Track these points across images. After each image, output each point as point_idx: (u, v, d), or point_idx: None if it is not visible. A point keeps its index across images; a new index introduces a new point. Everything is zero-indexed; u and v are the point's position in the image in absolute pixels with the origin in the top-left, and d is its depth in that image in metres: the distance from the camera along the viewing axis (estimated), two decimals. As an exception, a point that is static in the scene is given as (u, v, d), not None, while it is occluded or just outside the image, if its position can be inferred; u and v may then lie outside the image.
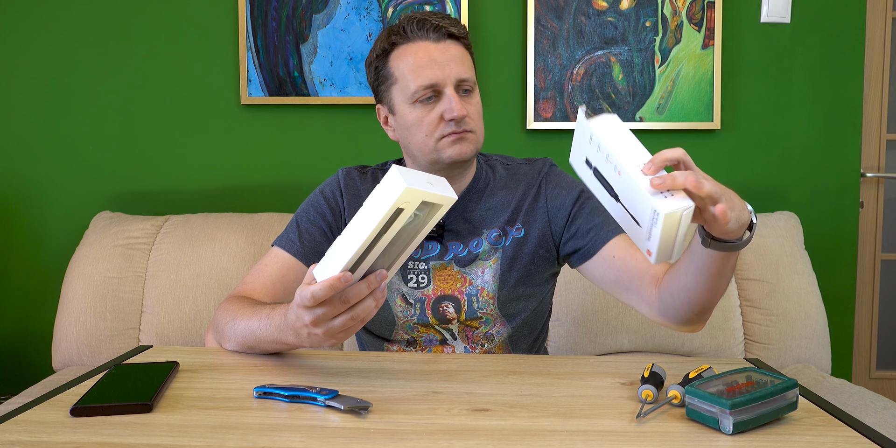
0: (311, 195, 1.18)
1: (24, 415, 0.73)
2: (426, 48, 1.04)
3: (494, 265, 1.12)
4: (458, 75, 1.04)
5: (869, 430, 0.70)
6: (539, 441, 0.67)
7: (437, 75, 1.03)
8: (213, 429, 0.69)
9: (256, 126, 1.99)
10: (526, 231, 1.13)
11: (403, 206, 0.71)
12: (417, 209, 0.74)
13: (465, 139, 1.06)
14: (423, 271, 1.12)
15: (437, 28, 1.04)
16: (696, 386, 0.72)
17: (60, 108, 1.98)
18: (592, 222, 1.09)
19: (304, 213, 1.16)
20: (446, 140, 1.05)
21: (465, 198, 1.14)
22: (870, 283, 2.11)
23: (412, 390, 0.82)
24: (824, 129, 1.98)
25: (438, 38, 1.05)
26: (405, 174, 0.71)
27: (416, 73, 1.04)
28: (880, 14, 2.05)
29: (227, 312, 1.00)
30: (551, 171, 1.17)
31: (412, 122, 1.07)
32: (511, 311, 1.13)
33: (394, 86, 1.07)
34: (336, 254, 0.75)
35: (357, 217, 0.74)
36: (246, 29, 1.93)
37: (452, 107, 1.03)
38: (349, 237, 0.74)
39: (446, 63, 1.04)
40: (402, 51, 1.06)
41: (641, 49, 1.93)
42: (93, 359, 1.67)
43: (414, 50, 1.05)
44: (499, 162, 1.20)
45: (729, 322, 1.67)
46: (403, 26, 1.05)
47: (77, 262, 1.73)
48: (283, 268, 1.10)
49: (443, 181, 0.76)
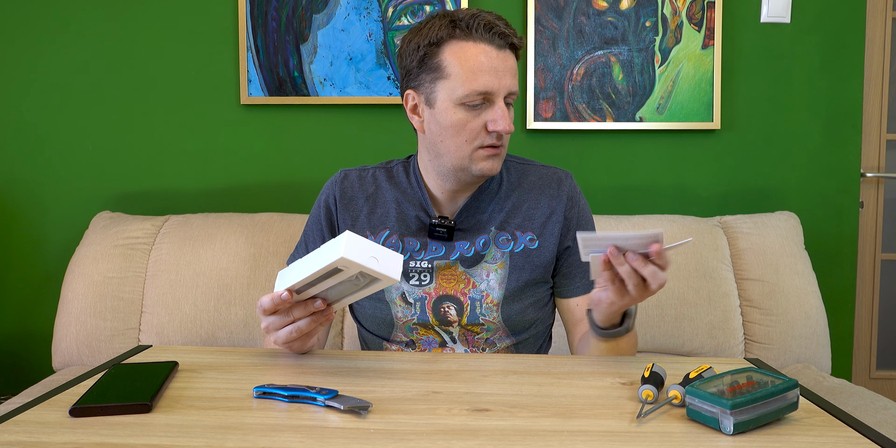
0: (314, 206, 1.21)
1: (23, 415, 0.73)
2: (488, 53, 1.01)
3: (501, 271, 1.11)
4: (510, 88, 1.03)
5: (869, 430, 0.70)
6: (539, 441, 0.67)
7: (494, 84, 1.01)
8: (213, 429, 0.69)
9: (256, 126, 1.99)
10: (541, 244, 1.13)
11: (342, 268, 0.80)
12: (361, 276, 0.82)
13: (499, 155, 1.06)
14: (426, 270, 1.11)
15: (503, 35, 1.02)
16: (696, 386, 0.72)
17: (60, 108, 1.98)
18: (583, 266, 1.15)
19: (310, 230, 1.19)
20: (482, 152, 1.05)
21: (478, 198, 1.13)
22: (870, 283, 2.11)
23: (412, 390, 0.82)
24: (824, 129, 1.98)
25: (501, 45, 1.02)
26: (353, 243, 0.79)
27: (474, 76, 1.00)
28: (880, 14, 2.05)
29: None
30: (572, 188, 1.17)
31: (454, 123, 1.03)
32: (517, 325, 1.13)
33: (442, 80, 1.03)
34: (290, 274, 0.87)
35: (313, 254, 0.84)
36: (246, 29, 1.93)
37: (500, 120, 1.02)
38: (302, 266, 0.84)
39: (504, 73, 1.02)
40: (461, 47, 1.01)
41: (641, 49, 1.93)
42: (93, 359, 1.67)
43: (476, 51, 1.01)
44: (513, 162, 1.19)
45: (729, 322, 1.67)
46: (468, 22, 1.01)
47: (77, 262, 1.73)
48: None
49: (394, 258, 0.83)
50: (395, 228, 1.13)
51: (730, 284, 1.70)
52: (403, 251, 1.12)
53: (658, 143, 1.98)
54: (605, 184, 1.98)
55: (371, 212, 1.15)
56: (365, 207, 1.15)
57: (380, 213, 1.15)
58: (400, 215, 1.14)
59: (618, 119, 1.95)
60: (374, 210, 1.15)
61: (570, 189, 1.16)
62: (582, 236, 0.87)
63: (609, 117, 1.95)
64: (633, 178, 1.99)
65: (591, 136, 1.98)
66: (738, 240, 1.75)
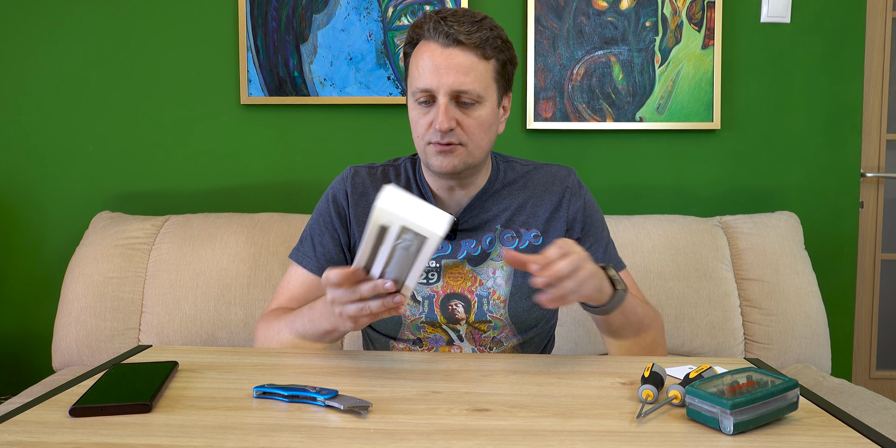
0: (321, 201, 1.19)
1: (23, 415, 0.73)
2: (432, 51, 1.02)
3: (507, 268, 1.12)
4: (452, 86, 1.01)
5: (869, 430, 0.70)
6: (539, 441, 0.67)
7: (431, 82, 1.01)
8: (213, 429, 0.69)
9: (256, 126, 1.98)
10: (545, 240, 1.13)
11: (386, 224, 0.78)
12: (405, 233, 0.79)
13: (450, 152, 1.04)
14: (433, 269, 1.12)
15: (447, 34, 1.00)
16: (696, 386, 0.72)
17: (60, 109, 1.98)
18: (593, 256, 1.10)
19: (315, 223, 1.18)
20: (432, 148, 1.05)
21: (481, 197, 1.14)
22: (870, 283, 2.11)
23: (412, 390, 0.82)
24: (824, 129, 1.98)
25: (447, 43, 1.01)
26: (393, 196, 0.77)
27: (418, 74, 1.03)
28: (880, 14, 2.05)
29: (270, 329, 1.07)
30: (574, 183, 1.17)
31: (412, 119, 1.07)
32: (523, 323, 1.13)
33: (408, 78, 1.07)
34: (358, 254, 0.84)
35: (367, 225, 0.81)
36: (246, 29, 1.93)
37: (438, 117, 1.01)
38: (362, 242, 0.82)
39: (446, 71, 1.00)
40: (419, 47, 1.04)
41: (641, 49, 1.93)
42: (93, 359, 1.67)
43: (423, 49, 1.03)
44: (518, 163, 1.20)
45: (729, 322, 1.67)
46: (425, 23, 1.03)
47: (77, 262, 1.73)
48: (304, 285, 1.15)
49: (437, 214, 0.79)
50: None
51: (730, 284, 1.70)
52: None
53: (658, 143, 1.98)
54: (605, 184, 1.98)
55: None
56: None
57: None
58: None
59: (618, 119, 1.95)
60: None
61: (572, 184, 1.17)
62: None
63: (609, 117, 1.95)
64: (633, 178, 1.99)
65: (591, 136, 1.98)
66: (738, 240, 1.75)
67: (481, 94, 1.03)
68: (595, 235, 1.16)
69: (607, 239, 1.18)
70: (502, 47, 1.04)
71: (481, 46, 1.01)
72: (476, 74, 1.01)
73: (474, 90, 1.02)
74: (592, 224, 1.16)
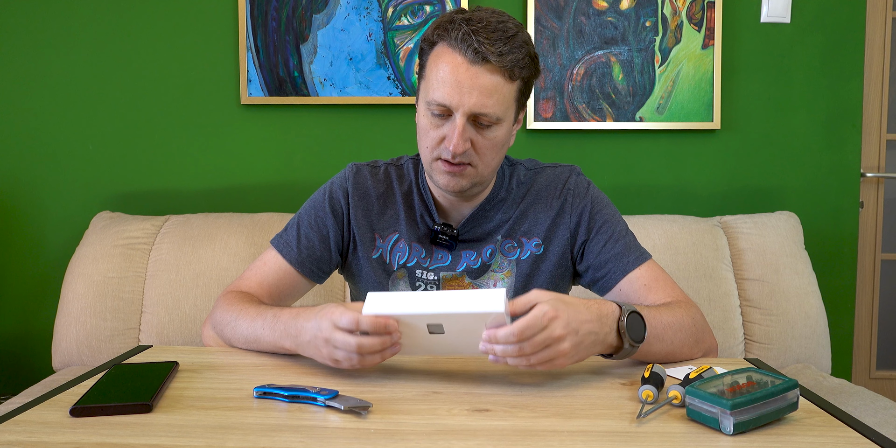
0: (318, 193, 1.15)
1: (23, 415, 0.73)
2: (457, 65, 0.94)
3: (508, 279, 1.10)
4: (473, 108, 0.95)
5: (869, 430, 0.70)
6: (539, 441, 0.67)
7: (452, 99, 0.95)
8: (213, 429, 0.69)
9: (256, 126, 1.98)
10: (546, 248, 1.10)
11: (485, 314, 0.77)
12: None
13: (459, 174, 1.00)
14: (432, 282, 1.10)
15: (476, 50, 0.93)
16: (696, 386, 0.72)
17: (60, 108, 1.98)
18: (611, 252, 1.07)
19: (307, 215, 1.13)
20: (440, 164, 1.01)
21: (484, 208, 1.10)
22: (870, 283, 2.11)
23: (412, 390, 0.82)
24: (824, 129, 1.98)
25: (474, 60, 0.93)
26: (497, 298, 0.78)
27: (438, 86, 0.96)
28: (880, 14, 2.04)
29: (229, 311, 1.01)
30: (577, 184, 1.12)
31: (421, 125, 1.02)
32: None
33: (422, 79, 1.01)
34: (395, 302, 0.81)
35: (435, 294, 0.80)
36: (246, 29, 1.93)
37: (452, 137, 0.96)
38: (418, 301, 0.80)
39: (469, 91, 0.94)
40: (441, 52, 0.97)
41: (641, 49, 1.93)
42: (93, 359, 1.67)
43: (447, 59, 0.95)
44: (522, 166, 1.15)
45: (729, 322, 1.67)
46: (453, 28, 0.95)
47: (77, 262, 1.73)
48: (279, 272, 1.10)
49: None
50: (403, 232, 1.11)
51: (730, 284, 1.70)
52: (410, 257, 1.11)
53: (658, 143, 1.98)
54: (605, 184, 1.98)
55: (381, 212, 1.13)
56: (376, 206, 1.13)
57: (390, 214, 1.12)
58: (409, 218, 1.12)
59: (618, 119, 1.95)
60: (384, 210, 1.13)
61: (574, 185, 1.12)
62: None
63: (609, 117, 1.95)
64: (633, 178, 1.99)
65: (591, 136, 1.98)
66: (738, 240, 1.75)
67: (500, 116, 0.98)
68: (607, 232, 1.09)
69: (623, 232, 1.10)
70: (529, 65, 0.98)
71: (510, 68, 0.95)
72: (499, 97, 0.96)
73: (494, 113, 0.97)
74: (603, 222, 1.10)
